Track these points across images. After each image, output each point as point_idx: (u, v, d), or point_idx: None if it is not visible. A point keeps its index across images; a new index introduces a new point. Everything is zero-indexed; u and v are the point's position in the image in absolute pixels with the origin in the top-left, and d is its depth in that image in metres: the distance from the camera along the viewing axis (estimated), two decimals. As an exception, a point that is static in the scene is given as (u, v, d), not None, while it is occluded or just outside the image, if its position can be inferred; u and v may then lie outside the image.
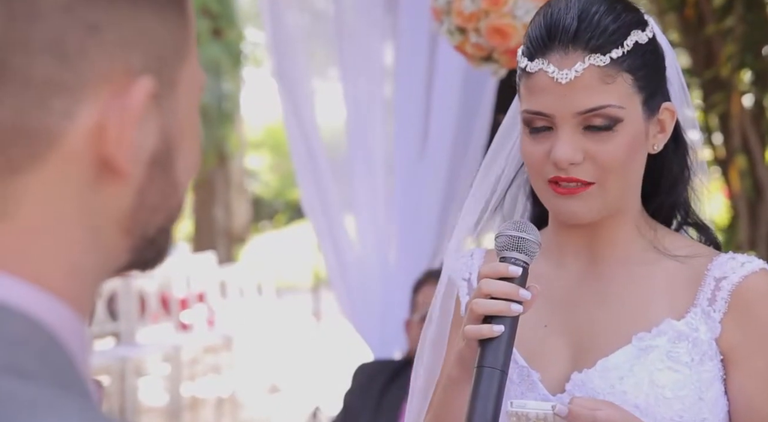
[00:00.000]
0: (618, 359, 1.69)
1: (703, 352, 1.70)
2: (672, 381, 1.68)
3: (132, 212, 0.84)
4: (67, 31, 0.80)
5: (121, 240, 0.85)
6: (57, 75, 0.80)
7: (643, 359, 1.69)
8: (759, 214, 4.92)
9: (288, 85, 4.13)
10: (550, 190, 1.70)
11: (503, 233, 1.64)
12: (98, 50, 0.81)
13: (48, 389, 0.76)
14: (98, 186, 0.82)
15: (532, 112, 1.69)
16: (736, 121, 4.82)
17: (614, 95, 1.67)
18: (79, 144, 0.81)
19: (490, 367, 1.57)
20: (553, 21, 1.69)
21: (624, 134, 1.68)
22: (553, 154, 1.67)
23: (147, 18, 0.84)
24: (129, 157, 0.82)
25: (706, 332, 1.71)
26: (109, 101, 0.81)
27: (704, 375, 1.70)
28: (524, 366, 1.73)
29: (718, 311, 1.71)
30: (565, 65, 1.66)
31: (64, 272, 0.81)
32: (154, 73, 0.84)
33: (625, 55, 1.67)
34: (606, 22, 1.68)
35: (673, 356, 1.69)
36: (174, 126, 0.86)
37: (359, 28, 4.07)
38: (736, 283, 1.71)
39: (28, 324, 0.78)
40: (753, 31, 4.80)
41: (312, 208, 4.17)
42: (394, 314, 3.98)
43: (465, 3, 3.00)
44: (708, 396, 1.70)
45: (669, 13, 5.19)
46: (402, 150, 4.09)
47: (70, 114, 0.80)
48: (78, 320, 0.82)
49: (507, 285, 1.61)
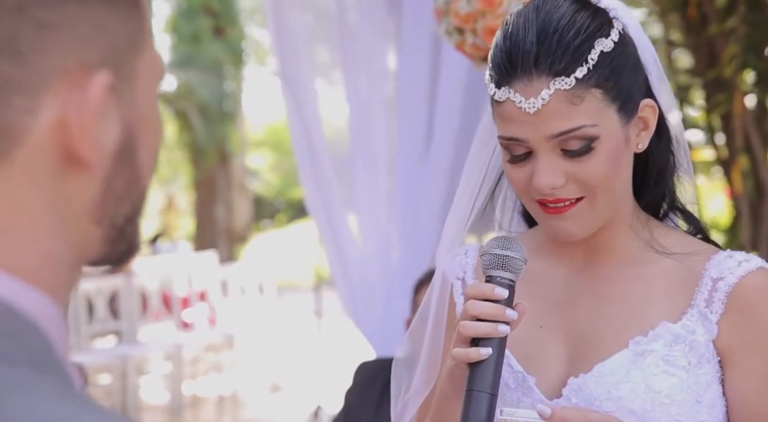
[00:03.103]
0: (614, 364, 1.68)
1: (701, 355, 1.69)
2: (669, 385, 1.67)
3: (100, 202, 0.87)
4: (19, 30, 0.83)
5: (91, 230, 0.87)
6: (14, 74, 0.83)
7: (640, 364, 1.67)
8: (761, 215, 4.93)
9: (291, 84, 4.13)
10: (539, 210, 1.68)
11: (488, 251, 1.62)
12: (52, 48, 0.84)
13: (25, 371, 0.78)
14: (65, 178, 0.85)
15: (507, 138, 1.66)
16: (739, 122, 4.82)
17: (585, 115, 1.62)
18: (43, 139, 0.84)
19: (478, 391, 1.57)
20: (513, 45, 1.64)
21: (603, 149, 1.64)
22: (535, 182, 1.64)
23: (99, 13, 0.86)
24: (92, 148, 0.85)
25: (703, 334, 1.69)
26: (68, 96, 0.84)
27: (701, 377, 1.69)
28: (520, 371, 1.72)
29: (715, 312, 1.69)
30: (530, 93, 1.62)
31: (37, 261, 0.84)
32: (110, 66, 0.86)
33: (591, 70, 1.62)
34: (567, 40, 1.62)
35: (669, 360, 1.68)
36: (135, 116, 0.89)
37: (362, 27, 4.08)
38: (733, 284, 1.69)
39: (4, 310, 0.80)
40: (756, 31, 4.80)
41: (315, 207, 4.17)
42: (396, 313, 3.99)
43: (461, 4, 3.01)
44: (705, 398, 1.68)
45: (672, 13, 5.19)
46: (405, 149, 4.09)
47: (32, 111, 0.83)
48: (54, 306, 0.84)
49: (493, 307, 1.59)
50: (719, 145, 5.27)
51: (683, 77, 5.38)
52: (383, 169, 4.13)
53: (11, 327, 0.80)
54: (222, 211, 16.57)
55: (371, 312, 4.10)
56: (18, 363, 0.78)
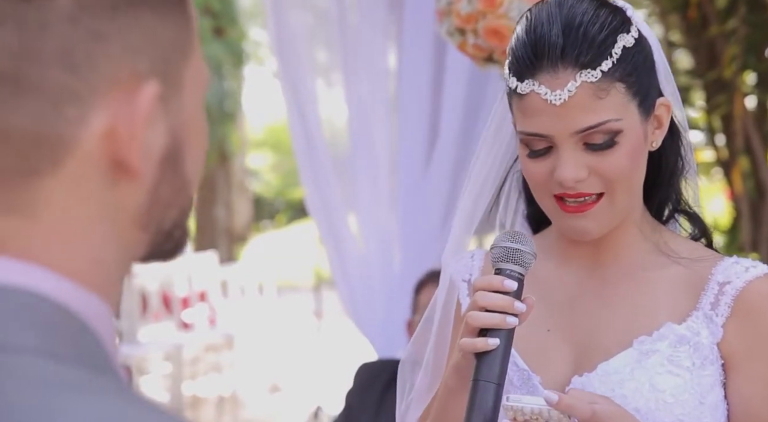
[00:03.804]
0: (618, 363, 1.69)
1: (705, 357, 1.69)
2: (672, 385, 1.67)
3: (146, 208, 0.88)
4: (75, 41, 0.84)
5: (138, 235, 0.89)
6: (68, 84, 0.84)
7: (644, 363, 1.68)
8: (761, 216, 4.92)
9: (292, 84, 4.13)
10: (557, 207, 1.69)
11: (498, 244, 1.63)
12: (105, 57, 0.85)
13: (81, 370, 0.80)
14: (114, 185, 0.86)
15: (529, 133, 1.67)
16: (739, 123, 4.82)
17: (610, 109, 1.64)
18: (93, 148, 0.85)
19: (485, 381, 1.58)
20: (538, 38, 1.65)
21: (625, 144, 1.66)
22: (558, 175, 1.65)
23: (150, 22, 0.87)
24: (141, 157, 0.86)
25: (708, 336, 1.70)
26: (118, 106, 0.85)
27: (705, 379, 1.69)
28: (525, 369, 1.72)
29: (720, 315, 1.70)
30: (557, 85, 1.63)
31: (88, 264, 0.86)
32: (159, 74, 0.87)
33: (615, 64, 1.64)
34: (592, 33, 1.64)
35: (674, 360, 1.68)
36: (181, 124, 0.90)
37: (362, 27, 4.08)
38: (740, 288, 1.70)
39: (60, 312, 0.82)
40: (756, 32, 4.80)
41: (315, 207, 4.17)
42: (397, 313, 3.98)
43: (462, 4, 3.02)
44: (708, 400, 1.69)
45: (672, 14, 5.19)
46: (406, 150, 4.09)
47: (83, 120, 0.84)
48: (105, 308, 0.86)
49: (502, 298, 1.60)
50: (719, 146, 5.27)
51: (683, 78, 5.37)
52: (384, 169, 4.13)
53: (67, 328, 0.82)
54: (222, 211, 16.56)
55: (372, 313, 4.10)
56: (76, 364, 0.80)
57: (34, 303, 0.82)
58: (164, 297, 9.12)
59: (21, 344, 0.79)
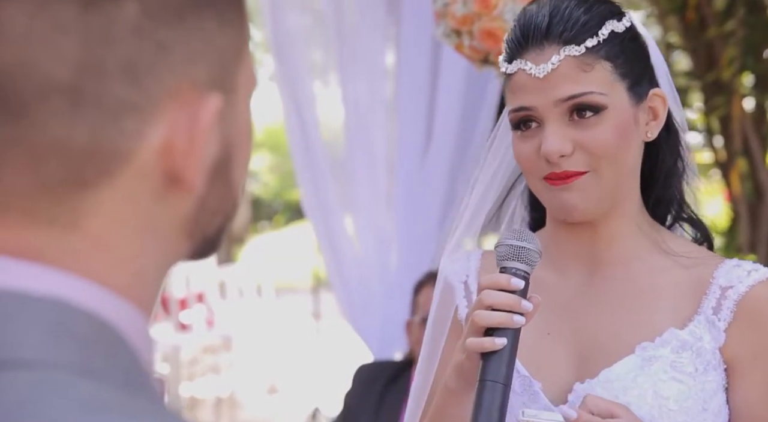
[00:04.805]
0: (621, 369, 1.67)
1: (707, 362, 1.68)
2: (676, 392, 1.66)
3: (193, 217, 0.86)
4: (139, 52, 0.81)
5: (182, 243, 0.87)
6: (129, 96, 0.81)
7: (647, 370, 1.67)
8: (759, 217, 4.93)
9: (289, 85, 4.13)
10: (546, 184, 1.68)
11: (503, 242, 1.61)
12: (166, 69, 0.82)
13: (118, 389, 0.77)
14: (164, 198, 0.84)
15: (516, 109, 1.69)
16: (737, 124, 4.83)
17: (594, 82, 1.66)
18: (148, 161, 0.82)
19: (492, 381, 1.55)
20: (526, 21, 1.70)
21: (610, 120, 1.66)
22: (543, 149, 1.65)
23: (211, 27, 0.84)
24: (196, 170, 0.83)
25: (710, 341, 1.69)
26: (177, 118, 0.82)
27: (708, 385, 1.68)
28: (526, 375, 1.70)
29: (723, 320, 1.69)
30: (541, 60, 1.66)
31: (130, 276, 0.83)
32: (218, 83, 0.84)
33: (601, 43, 1.67)
34: (578, 14, 1.68)
35: (677, 366, 1.67)
36: (234, 132, 0.87)
37: (360, 28, 4.07)
38: (743, 293, 1.69)
39: (95, 324, 0.80)
40: (754, 34, 4.81)
41: (312, 209, 4.17)
42: (394, 315, 3.98)
43: (457, 6, 3.02)
44: (711, 406, 1.68)
45: (670, 15, 5.20)
46: (404, 151, 4.09)
47: (141, 133, 0.81)
48: (143, 319, 0.84)
49: (509, 297, 1.58)
50: (717, 147, 5.28)
51: (682, 80, 5.37)
52: (381, 170, 4.12)
53: (103, 342, 0.80)
54: (220, 213, 16.57)
55: (369, 315, 4.10)
56: (110, 381, 0.77)
57: (68, 315, 0.79)
58: (162, 298, 9.07)
59: (55, 360, 0.77)
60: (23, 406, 0.74)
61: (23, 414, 0.74)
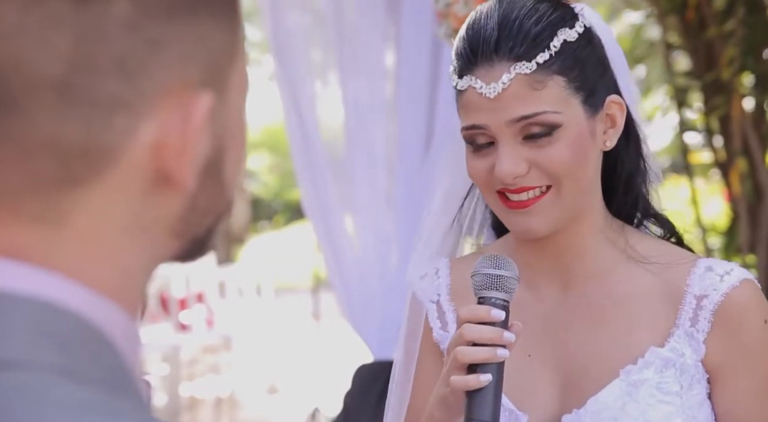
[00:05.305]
0: (608, 397, 1.64)
1: (691, 376, 1.66)
2: (665, 414, 1.64)
3: (183, 217, 0.85)
4: (131, 49, 0.80)
5: (170, 243, 0.86)
6: (120, 93, 0.80)
7: (635, 395, 1.64)
8: (759, 217, 4.93)
9: (288, 85, 4.13)
10: (500, 203, 1.65)
11: (479, 271, 1.56)
12: (159, 66, 0.81)
13: (101, 391, 0.77)
14: (154, 197, 0.83)
15: (468, 127, 1.65)
16: (737, 124, 4.83)
17: (547, 101, 1.60)
18: (139, 159, 0.81)
19: (479, 420, 1.52)
20: (474, 33, 1.63)
21: (566, 138, 1.61)
22: (497, 171, 1.61)
23: (205, 27, 0.84)
24: (187, 169, 0.83)
25: (692, 355, 1.66)
26: (168, 117, 0.82)
27: (693, 399, 1.66)
28: (512, 410, 1.67)
29: (701, 331, 1.66)
30: (491, 79, 1.60)
31: (116, 275, 0.83)
32: (210, 82, 0.84)
33: (553, 57, 1.61)
34: (527, 26, 1.61)
35: (662, 387, 1.65)
36: (225, 131, 0.86)
37: (360, 28, 4.07)
38: (718, 302, 1.66)
39: (80, 325, 0.79)
40: (754, 34, 4.81)
41: (312, 208, 4.17)
42: (394, 315, 3.97)
43: (459, 6, 3.02)
44: (699, 418, 1.67)
45: (670, 15, 5.19)
46: (404, 151, 4.09)
47: (132, 131, 0.81)
48: (129, 320, 0.83)
49: (491, 331, 1.53)
50: (717, 147, 5.28)
51: (681, 80, 5.37)
52: (381, 170, 4.12)
53: (87, 342, 0.79)
54: (220, 213, 16.56)
55: (369, 315, 4.10)
56: (94, 383, 0.77)
57: (53, 316, 0.78)
58: (162, 298, 9.11)
59: (38, 361, 0.76)
60: (5, 407, 0.74)
61: (4, 415, 0.73)
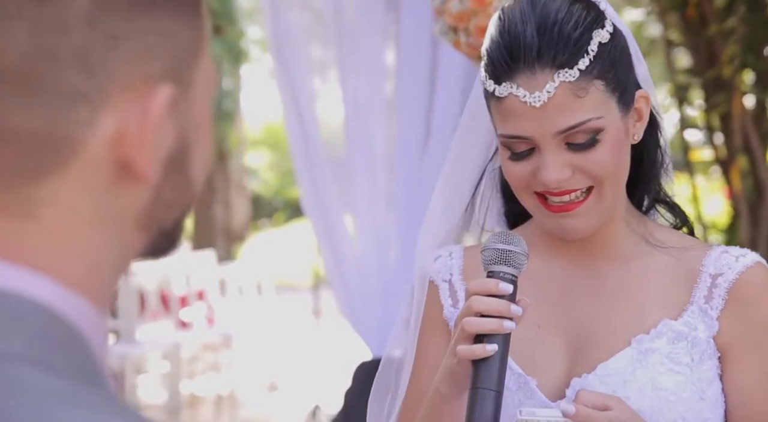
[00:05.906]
0: (618, 363, 1.67)
1: (702, 351, 1.69)
2: (674, 383, 1.66)
3: (149, 209, 0.87)
4: (90, 42, 0.82)
5: (137, 236, 0.88)
6: (81, 86, 0.82)
7: (645, 363, 1.67)
8: (760, 215, 4.93)
9: (289, 83, 4.12)
10: (541, 207, 1.67)
11: (489, 246, 1.59)
12: (119, 60, 0.83)
13: (70, 381, 0.78)
14: (118, 189, 0.85)
15: (511, 136, 1.64)
16: (738, 122, 4.83)
17: (590, 108, 1.62)
18: (100, 150, 0.83)
19: (484, 389, 1.54)
20: (512, 39, 1.62)
21: (607, 140, 1.63)
22: (542, 177, 1.62)
23: (166, 22, 0.85)
24: (149, 162, 0.84)
25: (704, 330, 1.69)
26: (129, 109, 0.83)
27: (704, 374, 1.69)
28: (520, 373, 1.69)
29: (715, 308, 1.70)
30: (535, 87, 1.60)
31: (84, 269, 0.84)
32: (172, 76, 0.85)
33: (593, 61, 1.61)
34: (567, 31, 1.61)
35: (673, 357, 1.68)
36: (190, 125, 0.88)
37: (360, 27, 4.07)
38: (733, 280, 1.70)
39: (50, 319, 0.81)
40: (755, 31, 4.81)
41: (311, 207, 4.16)
42: (394, 314, 3.97)
43: (454, 3, 3.02)
44: (709, 395, 1.69)
45: (671, 12, 5.19)
46: (404, 149, 4.08)
47: (93, 123, 0.83)
48: (97, 314, 0.84)
49: (498, 303, 1.56)
50: (718, 144, 5.27)
51: (682, 77, 5.37)
52: (381, 168, 4.12)
53: (56, 335, 0.80)
54: (220, 210, 16.56)
55: (368, 313, 4.09)
56: (63, 374, 0.78)
57: (22, 308, 0.80)
58: (162, 296, 9.11)
59: (7, 351, 0.77)
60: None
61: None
